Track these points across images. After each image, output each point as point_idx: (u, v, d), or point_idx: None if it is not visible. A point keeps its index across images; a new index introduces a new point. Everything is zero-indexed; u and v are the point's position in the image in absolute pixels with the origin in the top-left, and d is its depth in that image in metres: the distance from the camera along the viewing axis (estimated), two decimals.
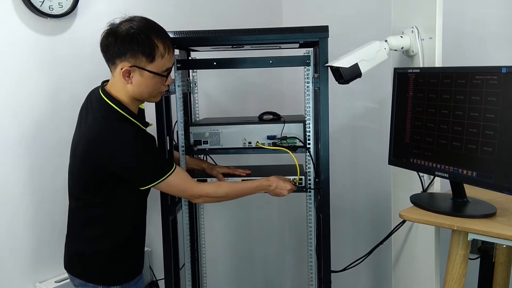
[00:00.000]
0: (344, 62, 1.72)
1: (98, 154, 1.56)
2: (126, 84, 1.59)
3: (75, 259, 1.73)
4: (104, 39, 1.57)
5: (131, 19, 1.58)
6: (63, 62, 1.95)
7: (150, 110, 1.90)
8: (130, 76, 1.57)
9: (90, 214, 1.67)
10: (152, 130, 1.90)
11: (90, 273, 1.70)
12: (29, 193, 1.92)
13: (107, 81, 1.67)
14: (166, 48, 1.59)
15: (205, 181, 1.95)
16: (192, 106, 2.29)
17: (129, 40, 1.54)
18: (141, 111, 1.79)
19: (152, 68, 1.58)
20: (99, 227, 1.67)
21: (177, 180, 1.67)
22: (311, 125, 1.89)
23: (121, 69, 1.56)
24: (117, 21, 1.58)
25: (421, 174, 1.76)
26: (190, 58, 2.25)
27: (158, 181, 1.62)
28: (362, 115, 2.74)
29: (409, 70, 1.69)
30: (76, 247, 1.71)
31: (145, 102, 1.73)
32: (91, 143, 1.56)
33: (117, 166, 1.57)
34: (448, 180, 1.59)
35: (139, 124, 1.65)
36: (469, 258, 1.54)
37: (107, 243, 1.68)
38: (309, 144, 1.90)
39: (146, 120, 1.73)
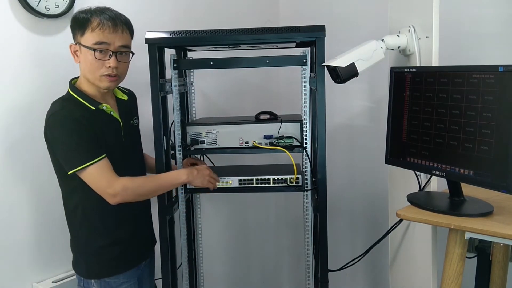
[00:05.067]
0: (340, 61, 1.72)
1: (45, 133, 1.63)
2: (78, 64, 1.66)
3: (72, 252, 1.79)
4: None
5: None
6: (59, 62, 1.94)
7: (147, 110, 1.90)
8: (78, 55, 1.65)
9: (67, 205, 1.72)
10: (149, 130, 1.91)
11: (76, 264, 1.76)
12: (26, 192, 1.92)
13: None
14: (101, 24, 1.60)
15: None
16: (189, 106, 2.29)
17: (72, 19, 1.64)
18: (122, 102, 1.80)
19: (83, 42, 1.61)
20: (74, 218, 1.71)
21: (98, 171, 1.58)
22: (308, 125, 1.89)
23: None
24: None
25: (418, 173, 1.76)
26: (186, 58, 2.25)
27: (80, 167, 1.56)
28: (359, 114, 2.74)
29: (406, 69, 1.70)
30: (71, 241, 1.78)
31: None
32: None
33: (49, 141, 1.61)
34: (445, 179, 1.59)
35: (86, 103, 1.65)
36: (466, 257, 1.55)
37: (82, 235, 1.72)
38: (306, 143, 1.90)
39: (125, 113, 1.77)
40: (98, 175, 1.59)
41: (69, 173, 1.58)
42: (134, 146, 1.85)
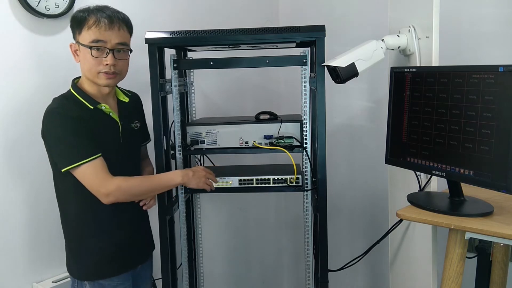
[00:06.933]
0: (340, 61, 1.72)
1: (42, 130, 1.63)
2: (78, 64, 1.68)
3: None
4: None
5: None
6: (59, 62, 1.94)
7: (147, 110, 1.90)
8: (78, 54, 1.66)
9: (61, 204, 1.72)
10: (149, 130, 1.91)
11: (69, 265, 1.76)
12: (25, 191, 1.92)
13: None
14: (97, 21, 1.60)
15: None
16: (189, 106, 2.29)
17: (71, 19, 1.66)
18: (122, 104, 1.79)
19: (81, 40, 1.62)
20: (68, 217, 1.72)
21: (92, 170, 1.58)
22: (308, 125, 1.89)
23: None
24: None
25: (418, 173, 1.76)
26: (186, 57, 2.25)
27: (74, 164, 1.56)
28: (359, 114, 2.74)
29: (406, 69, 1.70)
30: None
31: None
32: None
33: (45, 137, 1.61)
34: (445, 179, 1.59)
35: (85, 102, 1.66)
36: (466, 257, 1.55)
37: (76, 235, 1.72)
38: (306, 143, 1.90)
39: (126, 114, 1.77)
40: (92, 174, 1.59)
41: (62, 170, 1.58)
42: (131, 150, 1.81)
